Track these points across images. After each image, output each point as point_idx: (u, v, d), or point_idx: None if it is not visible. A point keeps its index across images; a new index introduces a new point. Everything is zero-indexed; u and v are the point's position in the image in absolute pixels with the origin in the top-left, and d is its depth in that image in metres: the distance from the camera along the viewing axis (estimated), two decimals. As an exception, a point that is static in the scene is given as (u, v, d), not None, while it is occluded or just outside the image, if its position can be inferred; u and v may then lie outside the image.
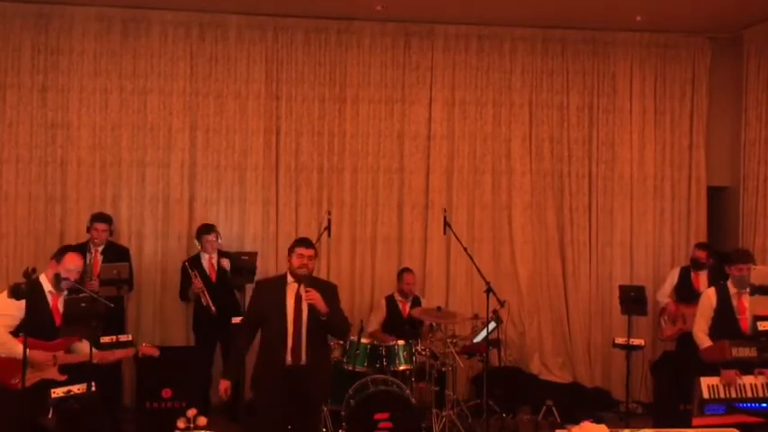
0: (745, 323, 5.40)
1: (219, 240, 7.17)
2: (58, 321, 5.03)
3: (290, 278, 5.01)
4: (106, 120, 7.52)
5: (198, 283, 6.83)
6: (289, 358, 4.87)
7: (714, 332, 5.53)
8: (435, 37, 7.95)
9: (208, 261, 7.10)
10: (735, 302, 5.56)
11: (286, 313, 4.92)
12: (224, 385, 4.97)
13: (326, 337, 5.18)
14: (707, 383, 5.15)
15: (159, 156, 7.59)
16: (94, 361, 5.09)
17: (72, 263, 5.12)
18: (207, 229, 7.13)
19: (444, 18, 7.80)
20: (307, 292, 4.87)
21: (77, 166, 7.47)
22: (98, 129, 7.51)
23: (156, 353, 5.43)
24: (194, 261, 7.09)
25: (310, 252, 5.02)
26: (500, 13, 7.64)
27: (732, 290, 5.58)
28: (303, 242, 5.13)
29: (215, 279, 7.03)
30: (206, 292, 6.83)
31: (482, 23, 7.92)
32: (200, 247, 7.13)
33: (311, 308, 4.89)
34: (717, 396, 5.12)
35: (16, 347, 4.71)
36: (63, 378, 4.93)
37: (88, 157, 7.49)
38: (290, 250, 5.07)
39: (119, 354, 5.33)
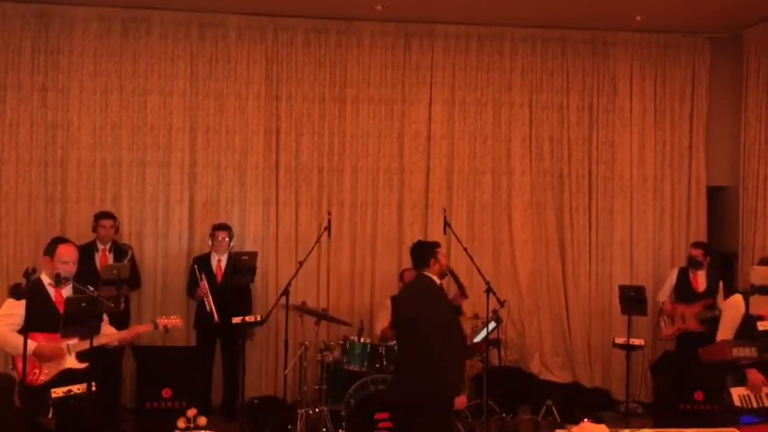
0: None
1: (231, 243, 7.17)
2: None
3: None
4: (106, 120, 7.52)
5: (204, 288, 6.81)
6: None
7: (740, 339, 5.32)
8: (435, 37, 7.94)
9: (216, 262, 7.10)
10: None
11: None
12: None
13: None
14: (737, 393, 5.04)
15: (159, 156, 7.59)
16: (115, 342, 5.10)
17: (65, 254, 4.90)
18: (221, 225, 7.17)
19: (444, 18, 7.80)
20: None
21: (77, 166, 7.47)
22: (98, 129, 7.51)
23: (178, 324, 5.33)
24: (203, 260, 7.10)
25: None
26: (500, 13, 7.64)
27: None
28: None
29: (221, 280, 7.03)
30: (210, 298, 6.81)
31: (482, 23, 7.92)
32: (210, 244, 7.14)
33: None
34: (749, 405, 4.99)
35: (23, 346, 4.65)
36: (83, 366, 4.81)
37: (88, 157, 7.49)
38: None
39: (138, 329, 5.31)
